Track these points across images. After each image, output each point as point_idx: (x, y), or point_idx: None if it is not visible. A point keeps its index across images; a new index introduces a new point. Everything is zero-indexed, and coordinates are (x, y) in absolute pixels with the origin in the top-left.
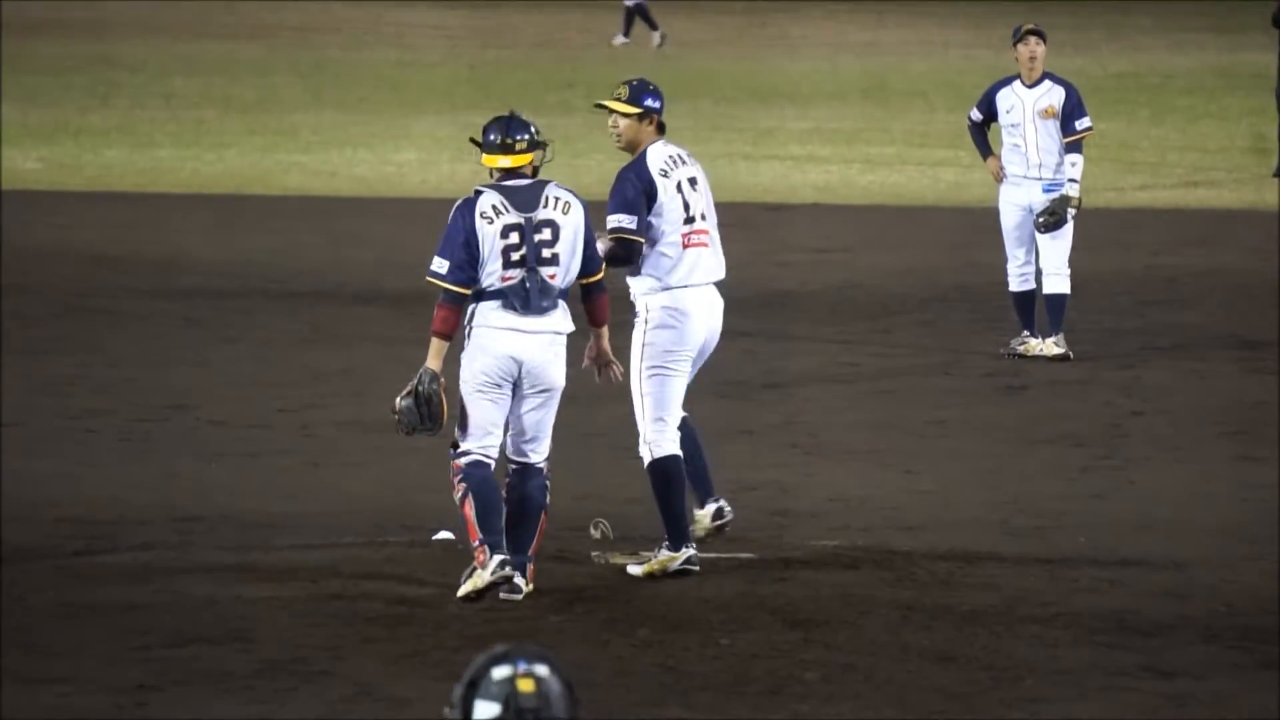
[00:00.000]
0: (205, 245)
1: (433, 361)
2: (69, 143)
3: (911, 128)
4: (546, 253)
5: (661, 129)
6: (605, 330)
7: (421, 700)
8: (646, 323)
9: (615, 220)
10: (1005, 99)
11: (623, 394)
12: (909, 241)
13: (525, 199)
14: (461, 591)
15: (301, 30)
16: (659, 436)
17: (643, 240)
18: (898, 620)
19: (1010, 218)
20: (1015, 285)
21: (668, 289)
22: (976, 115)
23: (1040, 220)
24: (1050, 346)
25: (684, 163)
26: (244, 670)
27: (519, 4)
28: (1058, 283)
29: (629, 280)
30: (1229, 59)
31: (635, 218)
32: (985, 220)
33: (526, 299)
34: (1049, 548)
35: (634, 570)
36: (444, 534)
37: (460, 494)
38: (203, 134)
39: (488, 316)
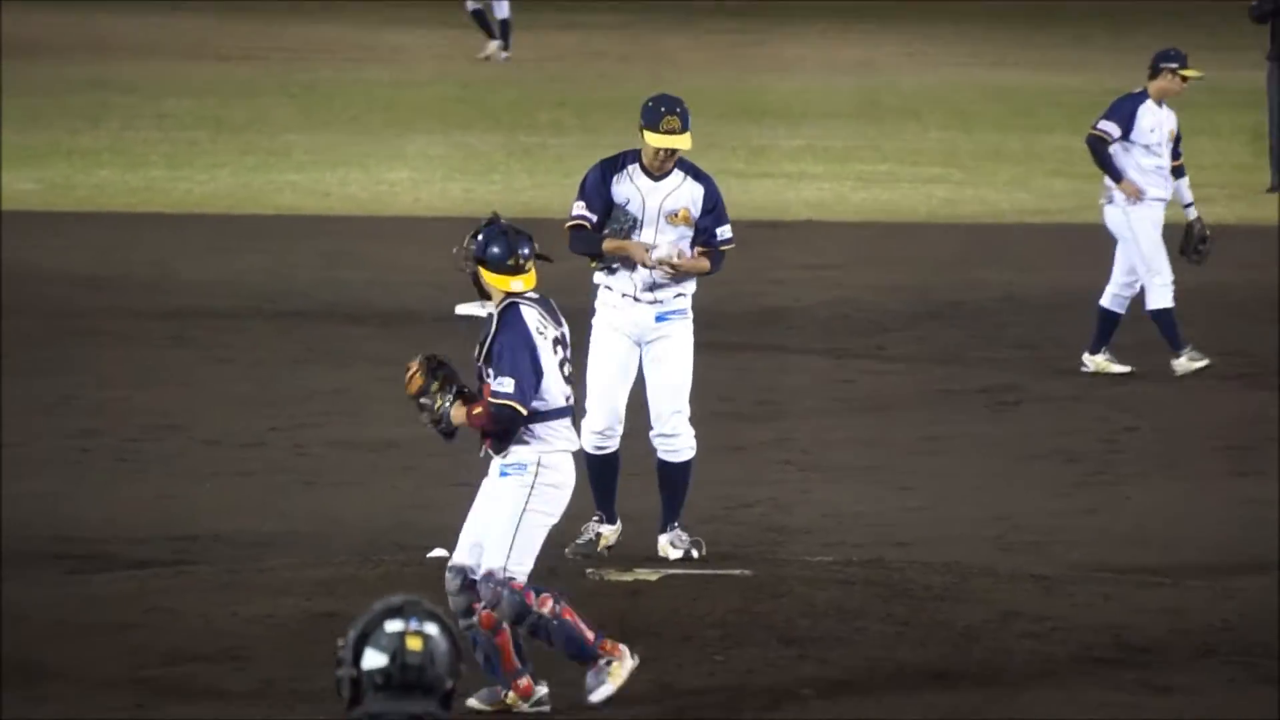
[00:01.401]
0: (198, 265)
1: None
2: (62, 164)
3: (904, 145)
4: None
5: None
6: None
7: None
8: (693, 323)
9: (731, 230)
10: (1149, 116)
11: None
12: (902, 258)
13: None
14: (482, 707)
15: (293, 51)
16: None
17: None
18: (893, 636)
19: (1157, 236)
20: (1116, 305)
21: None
22: (1116, 131)
23: (1199, 251)
24: (1185, 364)
25: None
26: (242, 689)
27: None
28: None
29: (684, 283)
30: (1222, 75)
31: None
32: (977, 236)
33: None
34: (1044, 563)
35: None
36: (439, 551)
37: (551, 614)
38: (195, 154)
39: (577, 440)
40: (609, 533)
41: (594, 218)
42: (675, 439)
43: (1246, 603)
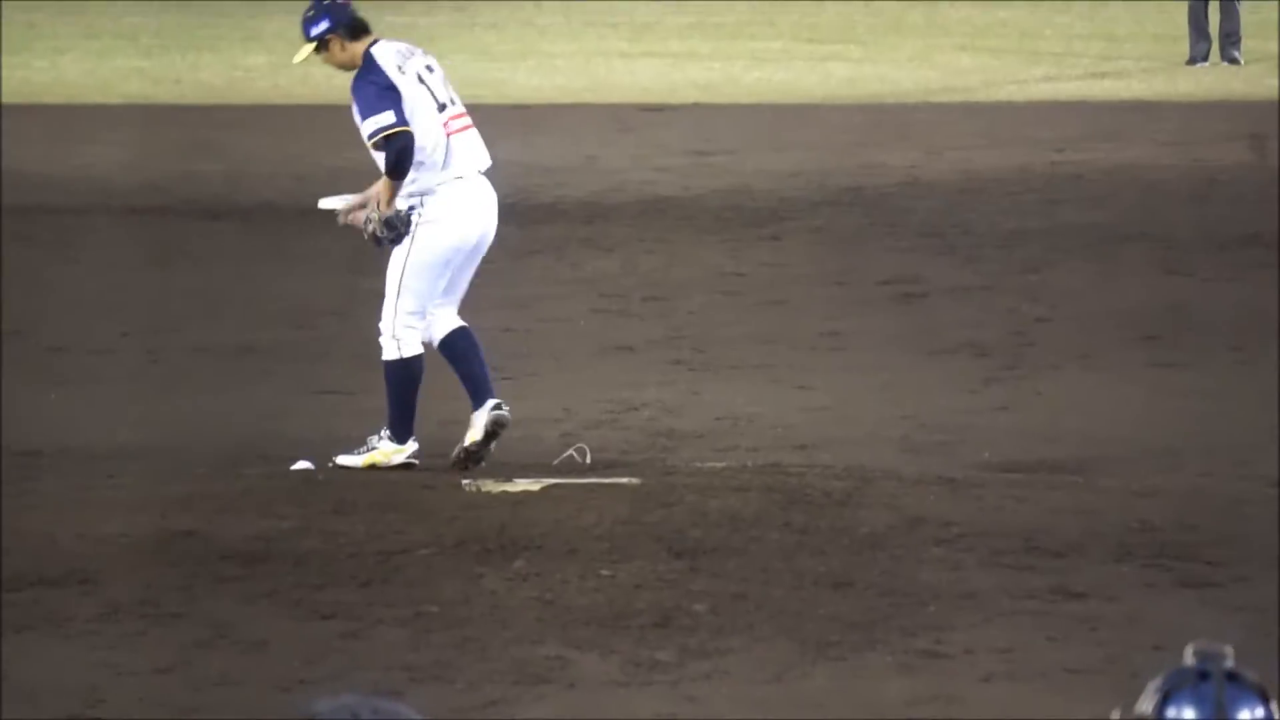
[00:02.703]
0: (40, 158)
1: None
2: None
3: (799, 20)
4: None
5: (364, 30)
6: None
7: (280, 642)
8: (420, 218)
9: (373, 124)
10: None
11: (477, 309)
12: (798, 142)
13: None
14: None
15: None
16: (409, 334)
17: (411, 130)
18: (791, 545)
19: None
20: None
21: (441, 184)
22: None
23: None
24: None
25: (414, 54)
26: (89, 613)
27: None
28: None
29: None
30: None
31: (392, 111)
32: (878, 117)
33: None
34: (951, 464)
35: (347, 461)
36: (303, 464)
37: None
38: (34, 38)
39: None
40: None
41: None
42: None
43: (1165, 502)
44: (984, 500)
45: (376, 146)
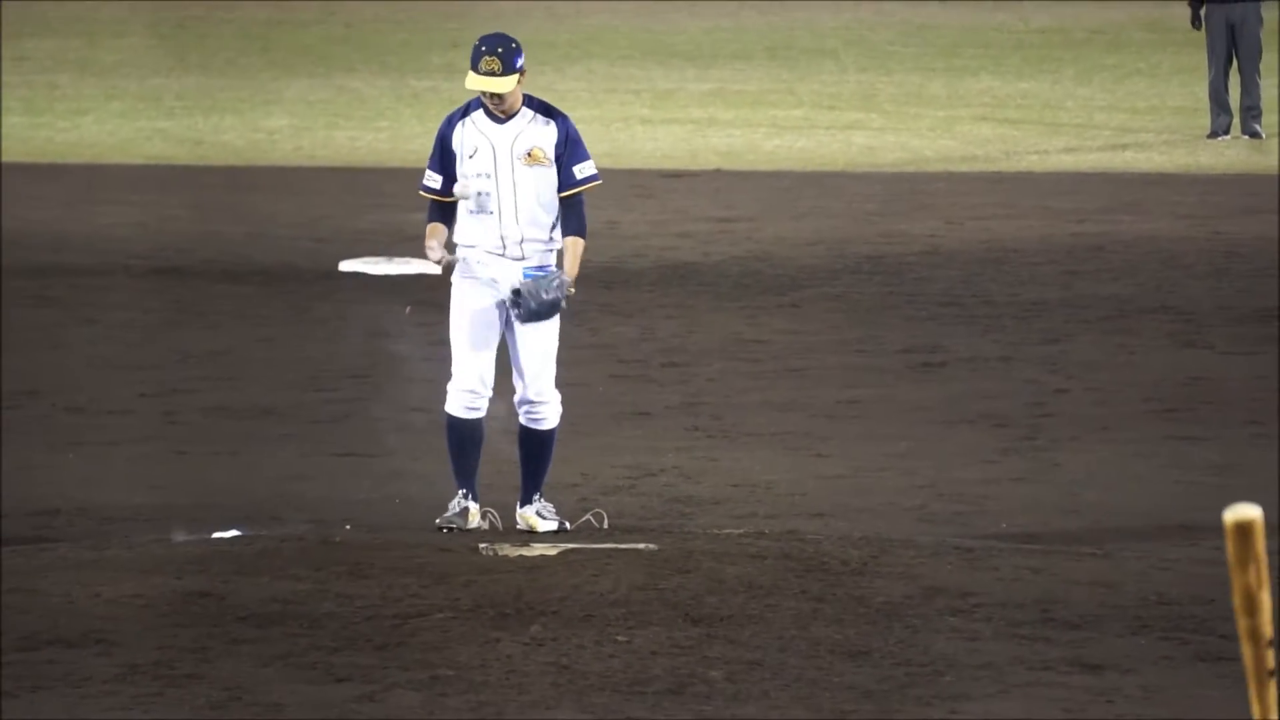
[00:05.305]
0: (61, 219)
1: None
2: None
3: (820, 89)
4: None
5: None
6: None
7: (296, 704)
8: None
9: (593, 167)
10: None
11: (497, 373)
12: (818, 210)
13: None
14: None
15: None
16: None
17: None
18: (807, 613)
19: None
20: None
21: None
22: None
23: None
24: None
25: None
26: (104, 674)
27: None
28: None
29: (553, 242)
30: (1160, 13)
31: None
32: (898, 185)
33: None
34: (968, 535)
35: (548, 526)
36: (354, 264)
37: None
38: (57, 99)
39: None
40: (475, 511)
41: (436, 184)
42: (543, 405)
43: (1181, 575)
44: (1001, 571)
45: (573, 195)
